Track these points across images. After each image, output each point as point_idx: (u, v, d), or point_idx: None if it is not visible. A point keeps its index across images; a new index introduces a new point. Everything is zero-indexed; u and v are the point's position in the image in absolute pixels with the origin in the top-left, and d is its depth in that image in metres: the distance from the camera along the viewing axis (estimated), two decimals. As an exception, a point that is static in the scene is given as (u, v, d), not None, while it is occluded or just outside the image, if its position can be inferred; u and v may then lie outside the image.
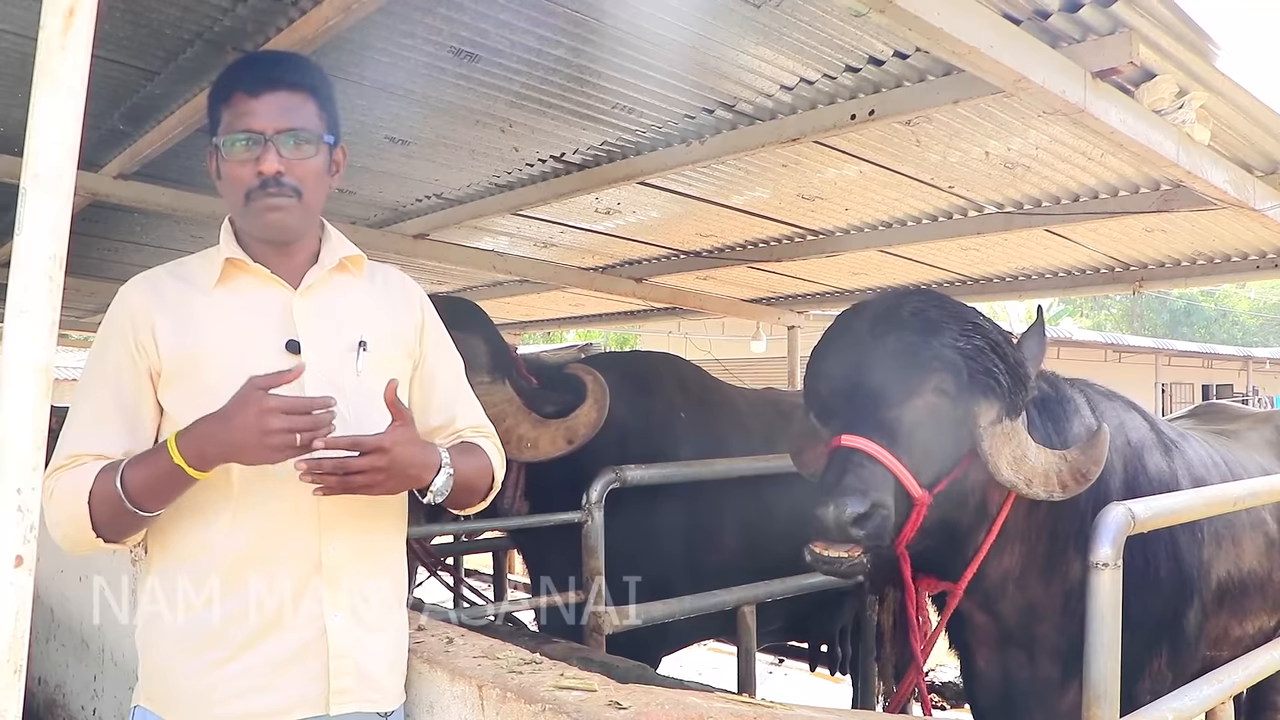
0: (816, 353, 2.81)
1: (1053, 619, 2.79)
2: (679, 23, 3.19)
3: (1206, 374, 28.38)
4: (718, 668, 6.82)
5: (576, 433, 3.68)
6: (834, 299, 8.78)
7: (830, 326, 2.84)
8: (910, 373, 2.58)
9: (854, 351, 2.64)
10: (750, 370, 12.18)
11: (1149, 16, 2.87)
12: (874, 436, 2.46)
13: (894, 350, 2.59)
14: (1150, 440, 3.18)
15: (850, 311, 2.81)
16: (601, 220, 6.12)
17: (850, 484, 2.37)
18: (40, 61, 1.24)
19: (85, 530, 1.76)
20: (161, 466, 1.73)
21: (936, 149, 4.36)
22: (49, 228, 1.25)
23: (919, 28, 2.50)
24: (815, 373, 2.78)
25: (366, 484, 1.76)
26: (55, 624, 4.53)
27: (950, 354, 2.58)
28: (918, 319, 2.63)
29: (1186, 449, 3.36)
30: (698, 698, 1.86)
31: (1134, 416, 3.23)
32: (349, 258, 2.04)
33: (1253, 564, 3.34)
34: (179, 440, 1.72)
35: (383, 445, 1.75)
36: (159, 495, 1.76)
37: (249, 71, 1.94)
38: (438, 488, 1.88)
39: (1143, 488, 2.91)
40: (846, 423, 2.52)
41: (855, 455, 2.44)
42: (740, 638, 3.99)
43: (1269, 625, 3.53)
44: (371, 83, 3.71)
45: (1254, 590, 3.36)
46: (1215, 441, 3.74)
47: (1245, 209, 4.06)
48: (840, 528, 2.32)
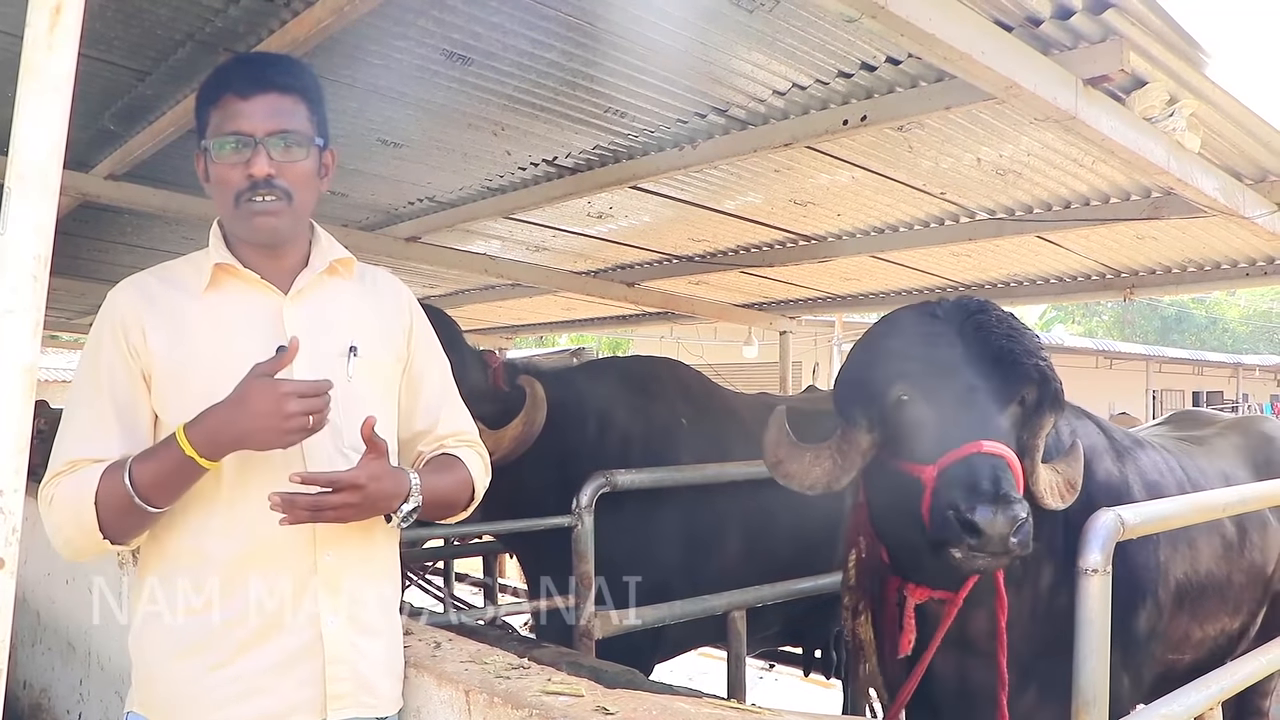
0: (880, 355, 2.66)
1: (1018, 625, 2.79)
2: (672, 27, 3.19)
3: (1197, 381, 28.48)
4: (708, 673, 6.81)
5: (501, 445, 3.65)
6: (826, 304, 8.80)
7: (891, 328, 2.72)
8: (1011, 380, 2.53)
9: (950, 354, 2.53)
10: (742, 375, 12.18)
11: (1140, 24, 2.87)
12: (1001, 443, 2.40)
13: (994, 356, 2.52)
14: (1102, 446, 3.20)
15: (917, 313, 2.70)
16: (594, 224, 6.12)
17: (1009, 493, 2.27)
18: (26, 60, 1.23)
19: (91, 533, 1.75)
20: (171, 458, 1.72)
21: (929, 155, 4.37)
22: (34, 227, 1.24)
23: (911, 34, 2.50)
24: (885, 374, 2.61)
25: (336, 518, 1.76)
26: (41, 627, 4.51)
27: (1036, 363, 2.56)
28: (1006, 325, 2.60)
29: (1140, 455, 3.37)
30: (686, 703, 1.85)
31: (1086, 424, 3.24)
32: (339, 260, 2.03)
33: (1210, 566, 3.36)
34: (188, 431, 1.71)
35: (358, 482, 1.75)
36: (169, 488, 1.75)
37: (239, 73, 1.92)
38: (403, 513, 1.88)
39: (1094, 493, 2.90)
40: (976, 428, 2.41)
41: (999, 462, 2.34)
42: (730, 643, 3.99)
43: (1231, 628, 3.56)
44: (363, 85, 3.71)
45: (1213, 592, 3.38)
46: (1178, 448, 3.76)
47: (1235, 216, 4.08)
48: (1003, 539, 2.22)
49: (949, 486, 2.33)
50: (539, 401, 3.79)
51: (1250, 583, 3.58)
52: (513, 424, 3.73)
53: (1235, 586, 3.48)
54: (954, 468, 2.36)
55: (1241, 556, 3.51)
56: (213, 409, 1.72)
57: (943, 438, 2.45)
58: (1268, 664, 2.95)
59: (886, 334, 2.72)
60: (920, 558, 2.53)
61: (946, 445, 2.41)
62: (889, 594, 2.78)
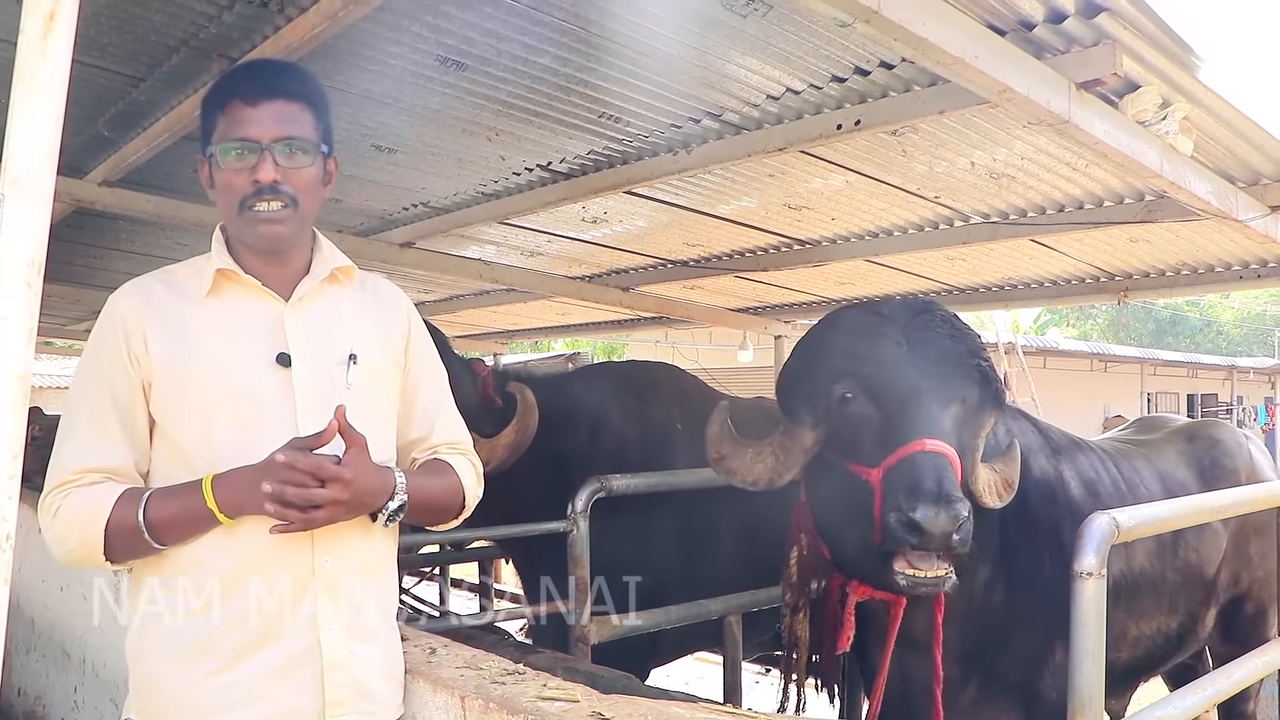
0: (825, 352, 2.68)
1: (957, 622, 2.83)
2: (666, 32, 3.20)
3: (1192, 383, 28.55)
4: (705, 677, 6.80)
5: (495, 453, 3.66)
6: (821, 308, 8.79)
7: (835, 326, 2.73)
8: (954, 380, 2.56)
9: (895, 353, 2.55)
10: (737, 380, 12.16)
11: (1132, 29, 2.88)
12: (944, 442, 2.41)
13: (938, 356, 2.55)
14: (1037, 445, 3.26)
15: (861, 311, 2.72)
16: (588, 229, 6.12)
17: (951, 491, 2.28)
18: (20, 66, 1.23)
19: (94, 553, 1.77)
20: (193, 508, 1.74)
21: (922, 159, 4.37)
22: (28, 233, 1.24)
23: (904, 38, 2.51)
24: (829, 371, 2.62)
25: (328, 517, 1.76)
26: (36, 634, 4.49)
27: (978, 364, 2.59)
28: (950, 326, 2.63)
29: (1077, 455, 3.46)
30: (681, 708, 1.85)
31: (1022, 423, 3.30)
32: (340, 268, 2.03)
33: (1144, 564, 3.43)
34: (215, 487, 1.73)
35: (343, 476, 1.75)
36: (182, 533, 1.78)
37: (247, 79, 1.93)
38: (389, 511, 1.87)
39: (1029, 490, 2.97)
40: (920, 427, 2.42)
41: (941, 461, 2.35)
42: (726, 647, 3.99)
43: (1169, 628, 3.62)
44: (358, 91, 3.71)
45: (1147, 590, 3.45)
46: (1120, 450, 3.85)
47: (1228, 219, 4.09)
48: (945, 537, 2.23)
49: (893, 490, 2.35)
50: (530, 408, 3.80)
51: (1186, 583, 3.64)
52: (505, 431, 3.73)
53: (1171, 585, 3.54)
54: (897, 468, 2.38)
55: (1176, 556, 3.57)
56: (241, 470, 1.75)
57: (887, 437, 2.47)
58: (1263, 666, 2.96)
59: (830, 331, 2.74)
60: (863, 557, 2.54)
61: (891, 445, 2.43)
62: (831, 591, 2.81)
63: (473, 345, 13.19)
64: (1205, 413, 27.90)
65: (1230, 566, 3.91)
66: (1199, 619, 3.81)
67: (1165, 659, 3.80)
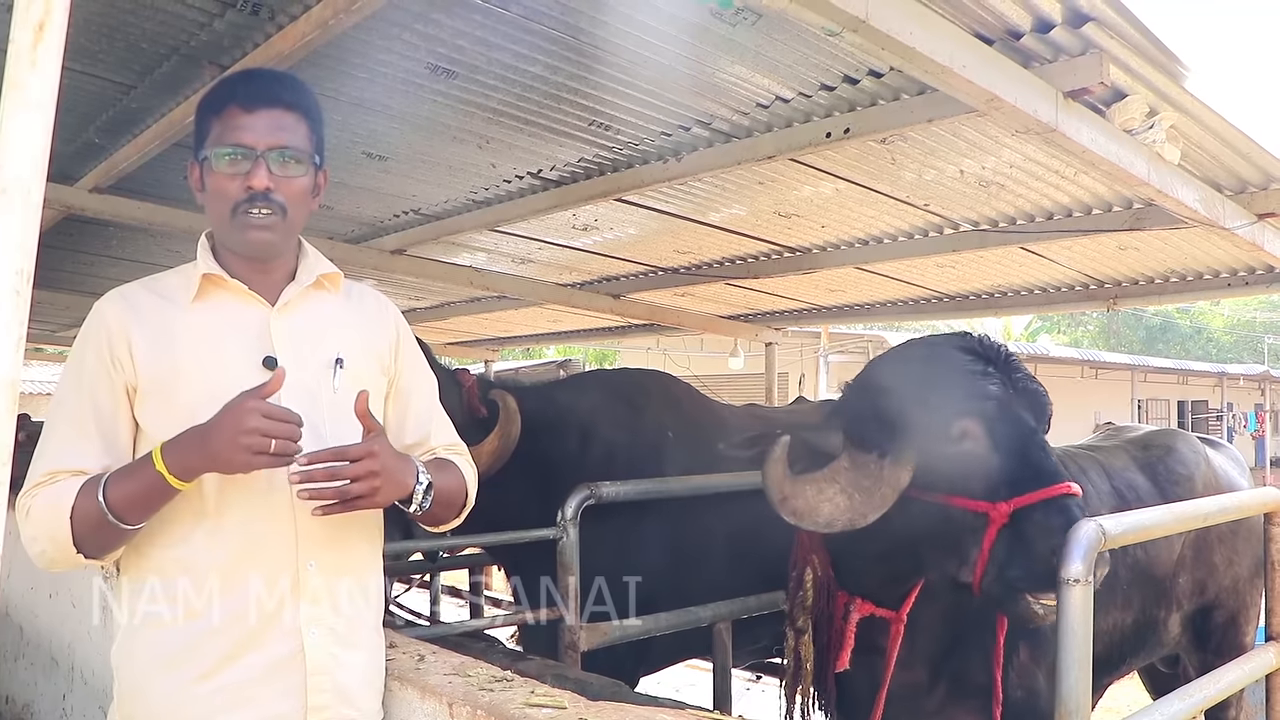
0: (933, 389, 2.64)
1: (931, 630, 2.89)
2: (656, 41, 3.21)
3: (1182, 390, 28.65)
4: (696, 685, 6.79)
5: (480, 461, 3.65)
6: (811, 315, 8.83)
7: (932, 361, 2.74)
8: (1042, 420, 2.68)
9: (1007, 394, 2.63)
10: (728, 386, 12.19)
11: (1119, 38, 2.90)
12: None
13: (1033, 395, 2.68)
14: None
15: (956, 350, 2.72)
16: (579, 236, 6.14)
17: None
18: (9, 76, 1.23)
19: (66, 547, 1.75)
20: (145, 478, 1.72)
21: (912, 167, 4.39)
22: (16, 242, 1.23)
23: (892, 47, 2.52)
24: (945, 410, 2.60)
25: (364, 492, 1.75)
26: (24, 642, 4.48)
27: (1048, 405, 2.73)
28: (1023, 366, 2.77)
29: None
30: (670, 715, 1.86)
31: None
32: (326, 275, 2.04)
33: None
34: (164, 450, 1.72)
35: (371, 450, 1.76)
36: (141, 507, 1.75)
37: (245, 86, 1.93)
38: (421, 496, 1.89)
39: None
40: (1055, 470, 2.52)
41: (1081, 503, 2.46)
42: (716, 655, 3.99)
43: (1125, 623, 3.66)
44: (348, 98, 3.71)
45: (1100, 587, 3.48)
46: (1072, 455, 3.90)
47: (1216, 227, 4.11)
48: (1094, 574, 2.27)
49: (1041, 530, 2.41)
50: (512, 415, 3.81)
51: (1137, 580, 3.68)
52: (488, 439, 3.74)
53: (1121, 581, 3.58)
54: (1042, 507, 2.44)
55: (1125, 553, 3.59)
56: (189, 430, 1.73)
57: (1016, 476, 2.52)
58: (1248, 674, 2.97)
59: (931, 367, 2.73)
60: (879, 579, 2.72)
61: (1022, 485, 2.49)
62: (836, 609, 2.88)
63: (464, 352, 13.19)
64: (1195, 419, 28.02)
65: (1191, 573, 3.95)
66: (1158, 619, 3.85)
67: (1124, 659, 3.84)
